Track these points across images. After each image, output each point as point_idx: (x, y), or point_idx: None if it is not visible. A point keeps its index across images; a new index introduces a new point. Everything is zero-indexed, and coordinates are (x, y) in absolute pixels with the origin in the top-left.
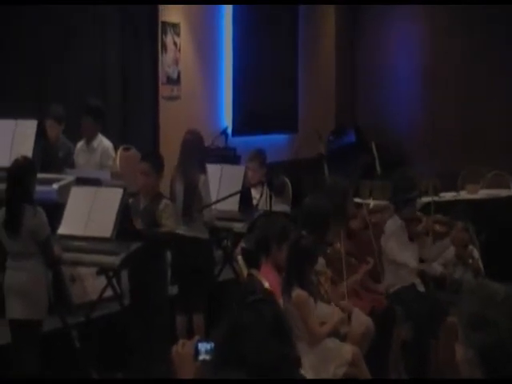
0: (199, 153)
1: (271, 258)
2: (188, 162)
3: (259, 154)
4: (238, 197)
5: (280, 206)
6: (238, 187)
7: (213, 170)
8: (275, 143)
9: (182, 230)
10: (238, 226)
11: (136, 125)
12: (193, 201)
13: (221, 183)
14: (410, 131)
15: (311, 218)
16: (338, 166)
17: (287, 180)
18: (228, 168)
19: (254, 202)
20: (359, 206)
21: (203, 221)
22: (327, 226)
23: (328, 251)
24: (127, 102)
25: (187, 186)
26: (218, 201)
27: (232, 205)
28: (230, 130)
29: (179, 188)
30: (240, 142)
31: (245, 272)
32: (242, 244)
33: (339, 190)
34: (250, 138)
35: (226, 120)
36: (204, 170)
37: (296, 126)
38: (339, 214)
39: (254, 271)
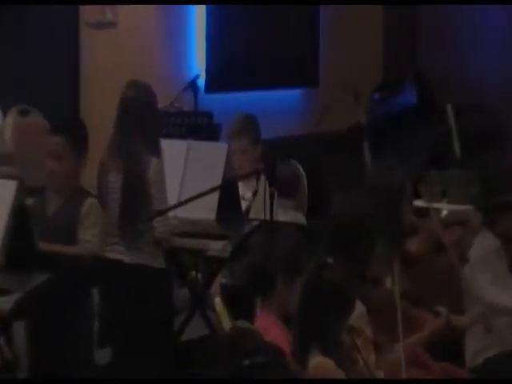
0: (148, 120)
1: (273, 302)
2: (129, 136)
3: (251, 125)
4: (215, 197)
5: (289, 214)
6: (217, 180)
7: (173, 149)
8: (280, 106)
9: (117, 253)
10: (216, 247)
11: (39, 71)
12: (137, 203)
13: (186, 173)
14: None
15: (342, 235)
16: (386, 145)
17: (300, 168)
18: (199, 147)
19: (244, 205)
20: (424, 213)
21: (155, 237)
22: (369, 248)
23: (371, 292)
24: (23, 28)
25: (128, 178)
26: (181, 203)
27: (205, 210)
28: (202, 82)
29: (114, 181)
30: (219, 103)
31: (226, 324)
32: (223, 278)
33: (389, 187)
34: (235, 97)
35: (197, 65)
36: (157, 150)
37: (315, 78)
38: (390, 227)
39: (242, 324)
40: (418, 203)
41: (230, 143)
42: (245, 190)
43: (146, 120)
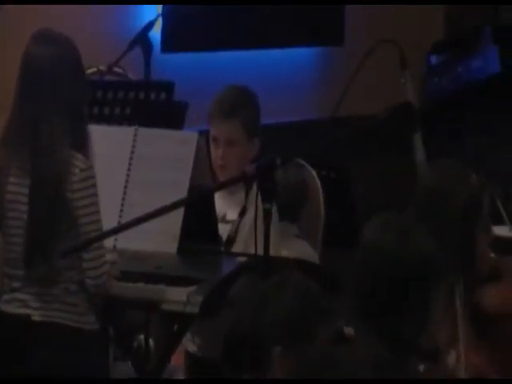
0: (69, 92)
1: None
2: (38, 118)
3: (248, 103)
4: (176, 218)
5: (293, 245)
6: (180, 190)
7: (111, 141)
8: (285, 74)
9: (19, 305)
10: (178, 298)
11: None
12: (53, 225)
13: (132, 178)
14: None
15: (382, 284)
16: (451, 138)
17: (314, 174)
18: (152, 137)
19: (225, 230)
20: (509, 247)
21: (82, 282)
22: (425, 305)
23: (424, 374)
24: None
25: (37, 187)
26: (121, 227)
27: (161, 239)
28: (158, 36)
29: (16, 190)
30: (185, 68)
31: None
32: (189, 345)
33: (455, 204)
34: (212, 58)
35: (153, 7)
36: (83, 142)
37: (340, 33)
38: (455, 269)
39: None
40: (501, 231)
41: (211, 125)
42: (226, 207)
43: (64, 92)
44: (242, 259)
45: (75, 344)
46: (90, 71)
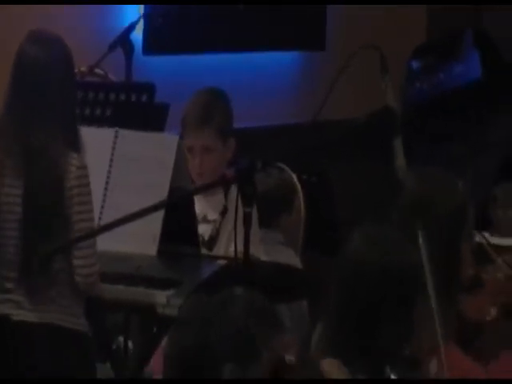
0: (62, 92)
1: None
2: (32, 117)
3: (221, 107)
4: (156, 219)
5: (274, 250)
6: (161, 192)
7: (92, 142)
8: (264, 77)
9: (12, 306)
10: (158, 300)
11: None
12: (48, 226)
13: (112, 179)
14: None
15: (364, 292)
16: (432, 143)
17: (294, 178)
18: (133, 139)
19: (206, 230)
20: (492, 256)
21: (74, 282)
22: (409, 314)
23: None
24: None
25: (32, 186)
26: (102, 228)
27: (141, 240)
28: (139, 38)
29: (10, 191)
30: (166, 70)
31: None
32: (168, 348)
33: (437, 211)
34: (192, 61)
35: (135, 9)
36: (76, 140)
37: (320, 37)
38: (437, 278)
39: None
40: (483, 240)
41: (184, 134)
42: (207, 208)
43: (56, 92)
44: (222, 262)
45: (73, 346)
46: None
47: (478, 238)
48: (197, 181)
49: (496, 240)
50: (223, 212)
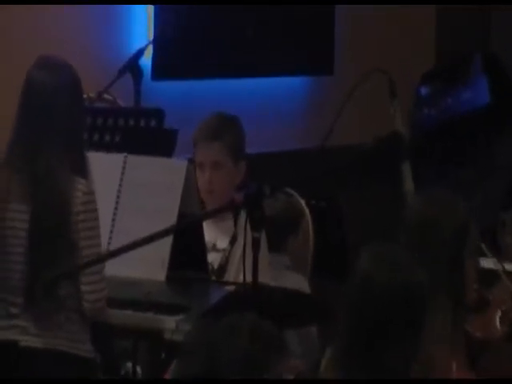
0: (71, 118)
1: None
2: (39, 143)
3: (231, 128)
4: (165, 245)
5: (283, 276)
6: (169, 217)
7: (100, 168)
8: (273, 103)
9: (18, 332)
10: (166, 325)
11: None
12: (54, 251)
13: (121, 205)
14: None
15: (373, 317)
16: (439, 167)
17: (303, 203)
18: (141, 165)
19: (216, 259)
20: (497, 279)
21: (82, 309)
22: (416, 337)
23: None
24: None
25: (38, 212)
26: (110, 254)
27: (149, 266)
28: (148, 64)
29: (17, 216)
30: (175, 96)
31: None
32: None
33: (443, 234)
34: (202, 87)
35: (144, 35)
36: (83, 167)
37: (329, 62)
38: (443, 299)
39: None
40: (488, 263)
41: (195, 151)
42: (216, 236)
43: (64, 118)
44: (231, 288)
45: (79, 372)
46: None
47: (485, 263)
48: (206, 200)
49: (505, 266)
50: (232, 241)
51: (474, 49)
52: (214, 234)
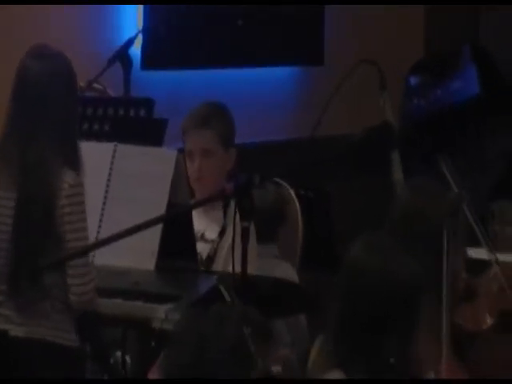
0: (63, 108)
1: None
2: (30, 133)
3: (220, 116)
4: (154, 234)
5: (272, 265)
6: (159, 207)
7: (90, 157)
8: (263, 92)
9: (2, 321)
10: (155, 314)
11: None
12: (39, 241)
13: (110, 194)
14: None
15: (366, 306)
16: (429, 158)
17: (292, 193)
18: (131, 154)
19: (205, 249)
20: (485, 269)
21: (69, 300)
22: (410, 327)
23: None
24: None
25: (24, 201)
26: (100, 243)
27: (139, 255)
28: (139, 52)
29: (4, 204)
30: (164, 85)
31: None
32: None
33: (431, 224)
34: (192, 76)
35: (134, 25)
36: (74, 159)
37: (319, 53)
38: (431, 288)
39: None
40: (476, 253)
41: (185, 139)
42: (205, 225)
43: (57, 108)
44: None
45: (58, 361)
46: None
47: (474, 254)
48: (195, 188)
49: (484, 254)
50: (221, 232)
51: (463, 39)
52: (204, 224)
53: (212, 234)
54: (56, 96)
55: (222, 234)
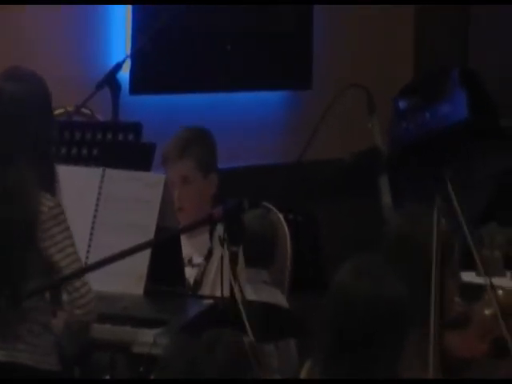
0: (38, 130)
1: None
2: (5, 156)
3: (201, 141)
4: (143, 259)
5: (261, 290)
6: (147, 232)
7: (78, 182)
8: (250, 117)
9: None
10: (144, 339)
11: None
12: (22, 262)
13: (98, 219)
14: None
15: (352, 329)
16: (418, 182)
17: (281, 217)
18: (119, 179)
19: (192, 273)
20: (478, 294)
21: (43, 319)
22: (397, 352)
23: None
24: None
25: (5, 226)
26: (87, 268)
27: (127, 280)
28: (127, 76)
29: None
30: (152, 110)
31: None
32: None
33: (421, 248)
34: (179, 101)
35: (122, 49)
36: (51, 182)
37: (307, 77)
38: (422, 315)
39: None
40: (469, 278)
41: (165, 169)
42: (192, 250)
43: (32, 129)
44: (208, 302)
45: None
46: (57, 112)
47: (465, 277)
48: (178, 217)
49: (483, 280)
50: (208, 256)
51: (452, 63)
52: (190, 249)
53: (199, 258)
54: (29, 118)
55: (208, 257)
